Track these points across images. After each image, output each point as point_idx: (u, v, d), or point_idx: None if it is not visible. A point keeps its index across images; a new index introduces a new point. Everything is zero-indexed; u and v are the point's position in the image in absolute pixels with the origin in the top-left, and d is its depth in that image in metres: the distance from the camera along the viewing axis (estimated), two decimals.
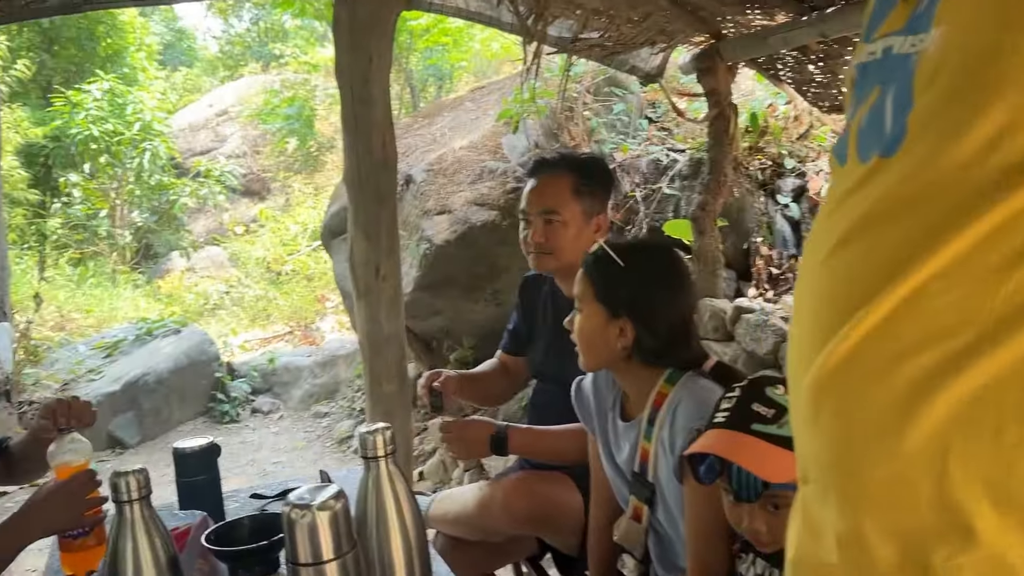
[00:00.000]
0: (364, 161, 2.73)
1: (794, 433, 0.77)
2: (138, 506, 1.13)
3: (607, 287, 1.61)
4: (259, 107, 12.73)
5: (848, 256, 0.69)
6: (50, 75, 11.91)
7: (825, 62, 3.24)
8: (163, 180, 11.49)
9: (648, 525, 1.63)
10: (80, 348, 7.16)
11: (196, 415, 6.49)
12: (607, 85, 4.81)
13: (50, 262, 10.10)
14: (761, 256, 4.01)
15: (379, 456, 1.15)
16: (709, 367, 1.61)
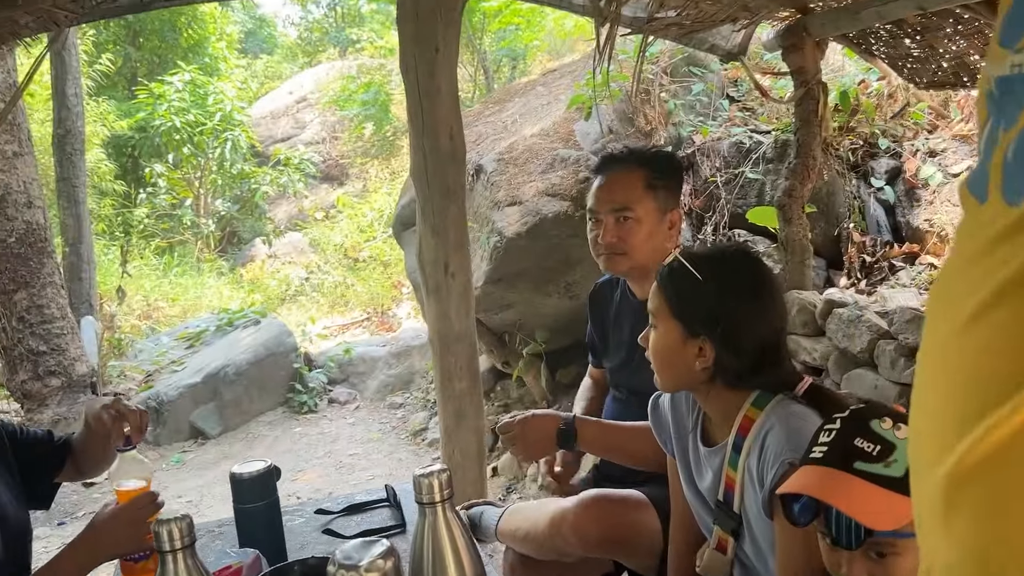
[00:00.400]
0: (431, 156, 2.70)
1: (918, 525, 0.66)
2: (182, 555, 1.10)
3: (683, 303, 1.51)
4: (337, 93, 12.96)
5: (1002, 320, 0.56)
6: (134, 67, 12.31)
7: (923, 35, 3.05)
8: (244, 169, 11.84)
9: (734, 556, 1.55)
10: (163, 339, 7.39)
11: (275, 405, 6.62)
12: (685, 65, 4.65)
13: (136, 252, 10.44)
14: (853, 243, 3.84)
15: (435, 502, 1.10)
16: (802, 390, 1.48)
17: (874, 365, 2.99)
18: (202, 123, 11.15)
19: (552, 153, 4.29)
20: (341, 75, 13.42)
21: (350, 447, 5.65)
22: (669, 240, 2.13)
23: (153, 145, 11.25)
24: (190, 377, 6.37)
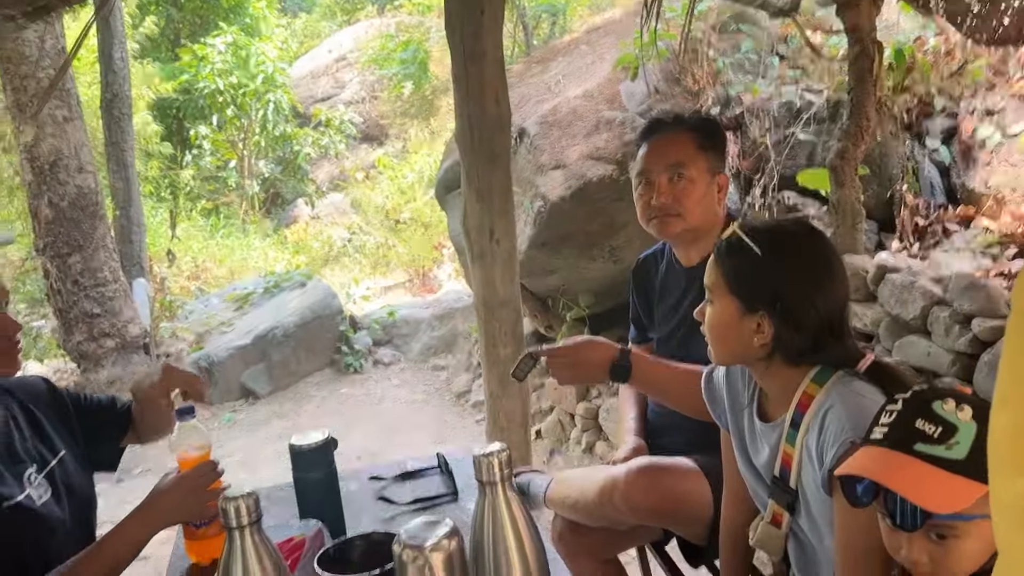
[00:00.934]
0: (476, 121, 2.69)
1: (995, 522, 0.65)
2: (249, 531, 1.12)
3: (741, 278, 1.48)
4: (376, 52, 12.90)
5: None
6: (177, 29, 12.37)
7: None
8: (286, 130, 11.90)
9: (788, 531, 1.54)
10: (212, 300, 7.51)
11: (323, 366, 6.70)
12: (734, 22, 4.56)
13: (183, 213, 10.58)
14: (906, 206, 3.75)
15: (496, 481, 1.09)
16: (864, 367, 1.46)
17: (927, 332, 2.95)
18: (244, 85, 11.21)
19: (597, 115, 4.24)
20: (380, 33, 13.34)
21: (395, 408, 5.71)
22: (719, 204, 2.11)
23: (197, 107, 11.34)
24: (239, 339, 6.48)
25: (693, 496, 1.93)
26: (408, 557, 0.98)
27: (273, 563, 1.12)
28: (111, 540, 1.54)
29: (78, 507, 1.68)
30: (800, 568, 1.56)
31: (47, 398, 1.78)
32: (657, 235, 2.18)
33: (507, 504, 1.09)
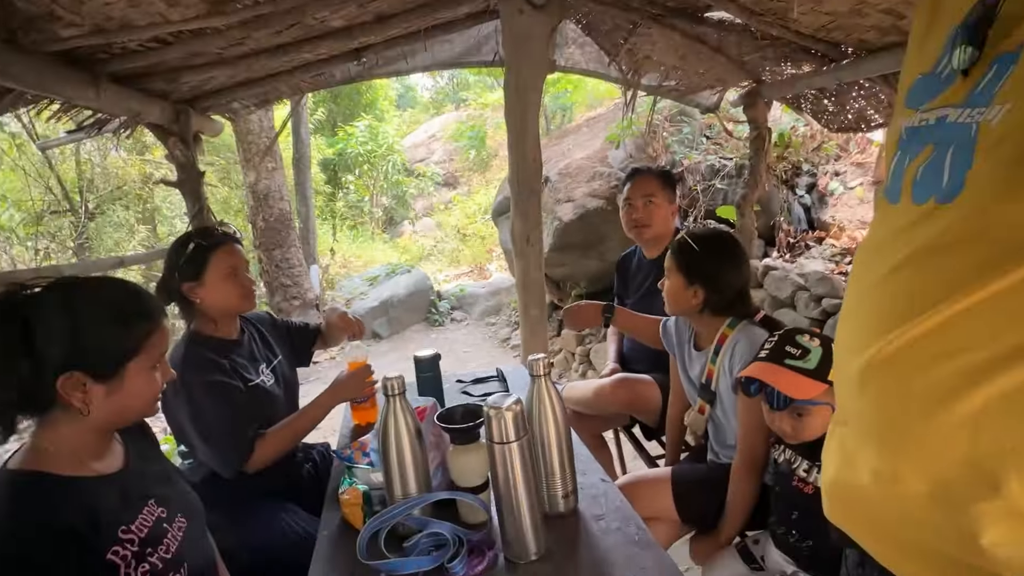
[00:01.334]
0: (521, 168, 2.67)
1: (838, 390, 0.67)
2: (398, 399, 1.13)
3: (687, 264, 1.49)
4: (453, 132, 12.89)
5: (906, 276, 0.57)
6: (335, 116, 12.43)
7: (837, 96, 2.90)
8: (398, 179, 11.91)
9: (708, 417, 1.56)
10: (356, 279, 7.60)
11: (419, 321, 6.76)
12: (679, 115, 4.53)
13: (339, 228, 10.69)
14: (782, 230, 3.73)
15: (540, 375, 1.12)
16: (759, 318, 1.48)
17: (794, 307, 2.94)
18: (374, 151, 11.25)
19: (593, 170, 4.24)
20: (456, 121, 13.37)
21: (464, 347, 5.75)
22: (671, 222, 2.13)
23: (346, 164, 11.40)
24: (372, 302, 6.54)
25: (650, 397, 1.96)
26: (493, 414, 0.99)
27: (412, 418, 1.14)
28: (310, 407, 1.57)
29: (288, 389, 1.71)
30: (714, 439, 1.58)
31: (270, 324, 1.81)
32: (635, 239, 2.21)
33: (547, 388, 1.12)
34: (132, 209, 7.80)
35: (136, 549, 0.91)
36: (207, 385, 1.41)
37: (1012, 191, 0.49)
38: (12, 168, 6.88)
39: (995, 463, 0.49)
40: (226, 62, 2.28)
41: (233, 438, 1.42)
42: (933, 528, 0.55)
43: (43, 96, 1.90)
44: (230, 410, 1.42)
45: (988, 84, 0.53)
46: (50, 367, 0.88)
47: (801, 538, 1.22)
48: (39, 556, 0.80)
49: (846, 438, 0.66)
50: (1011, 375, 0.49)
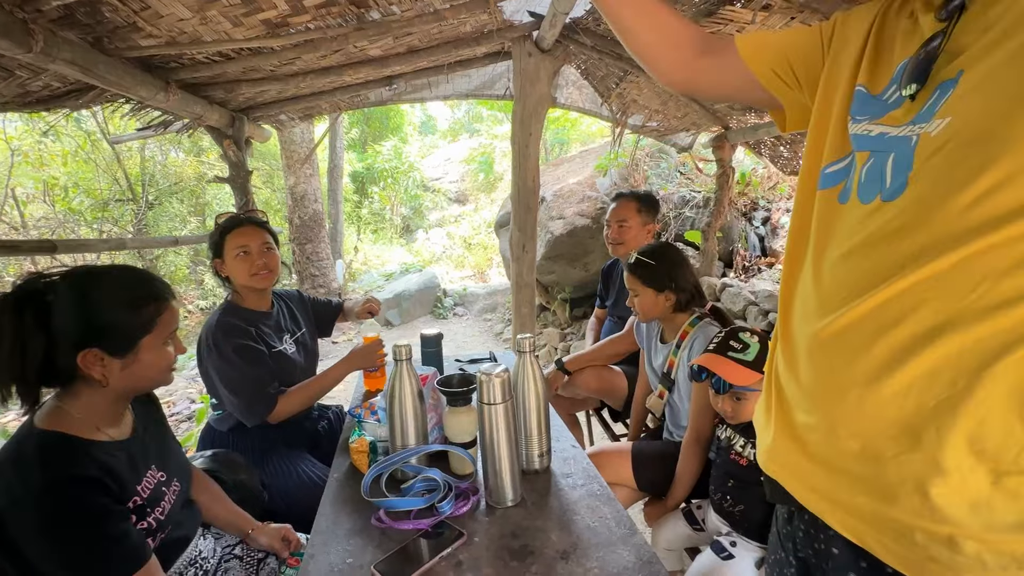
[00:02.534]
0: (522, 189, 2.67)
1: (781, 359, 0.68)
2: (405, 364, 1.14)
3: (651, 277, 1.50)
4: (466, 157, 12.91)
5: (855, 261, 0.58)
6: (365, 136, 12.44)
7: (791, 145, 2.95)
8: (417, 193, 11.91)
9: (666, 401, 1.57)
10: (374, 274, 7.61)
11: (426, 313, 6.74)
12: (658, 152, 4.57)
13: (362, 232, 10.68)
14: (739, 255, 3.74)
15: (525, 351, 1.13)
16: (709, 307, 1.51)
17: (744, 319, 2.96)
18: (398, 168, 11.27)
19: (583, 193, 4.26)
20: (469, 148, 13.39)
21: (463, 338, 5.74)
22: (646, 240, 2.13)
23: (373, 177, 11.40)
24: (387, 294, 6.52)
25: (618, 385, 1.98)
26: (483, 379, 1.01)
27: (415, 380, 1.14)
28: (329, 371, 1.58)
29: (309, 358, 1.70)
30: (670, 420, 1.59)
31: (298, 300, 1.81)
32: (612, 253, 2.23)
33: (531, 363, 1.13)
34: (186, 203, 7.77)
35: (141, 506, 0.92)
36: (235, 347, 1.42)
37: (949, 189, 0.50)
38: (85, 160, 6.86)
39: (918, 420, 0.51)
40: (277, 78, 2.30)
41: (258, 393, 1.43)
42: (864, 482, 0.56)
43: (120, 95, 1.92)
44: (255, 369, 1.44)
45: (931, 105, 0.55)
46: (71, 345, 0.88)
47: (734, 503, 1.23)
48: (75, 502, 0.81)
49: (787, 405, 0.66)
50: (937, 349, 0.50)
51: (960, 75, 0.52)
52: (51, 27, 1.37)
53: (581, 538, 0.95)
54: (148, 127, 2.46)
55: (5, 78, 1.56)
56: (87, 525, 0.81)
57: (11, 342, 0.84)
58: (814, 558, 0.66)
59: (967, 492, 0.49)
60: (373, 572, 0.88)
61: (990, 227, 0.48)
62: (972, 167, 0.49)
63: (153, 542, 0.93)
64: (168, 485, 1.01)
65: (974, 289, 0.48)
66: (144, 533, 0.91)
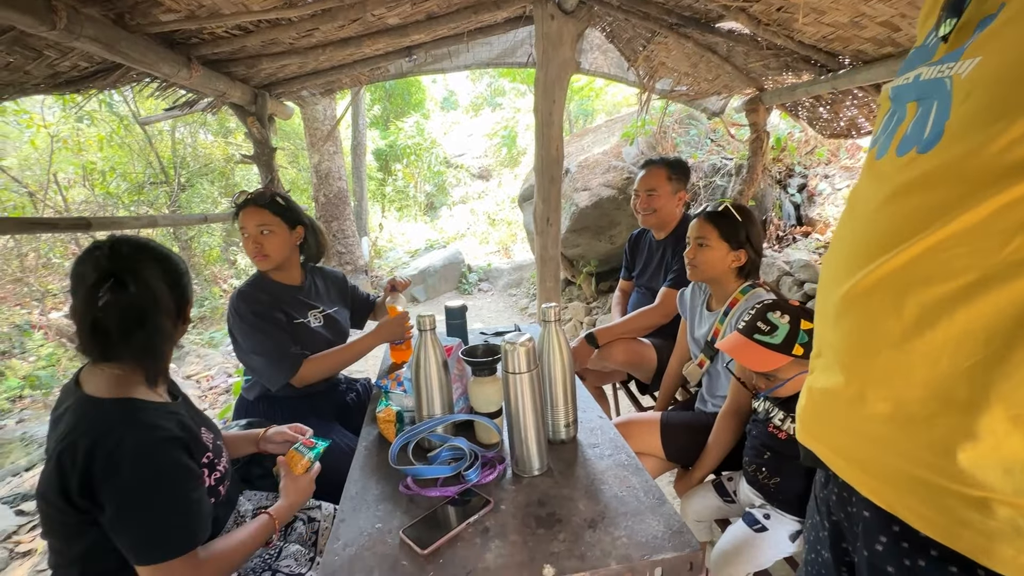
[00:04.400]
0: (546, 159, 2.63)
1: (816, 323, 0.65)
2: (429, 333, 1.14)
3: (732, 231, 1.43)
4: (489, 131, 12.74)
5: (885, 215, 0.55)
6: (388, 113, 12.39)
7: (831, 105, 2.77)
8: (440, 169, 11.85)
9: (705, 370, 1.54)
10: (399, 251, 7.68)
11: (451, 289, 6.78)
12: (687, 118, 4.39)
13: (387, 209, 10.73)
14: (773, 224, 3.61)
15: (551, 320, 1.11)
16: (763, 282, 1.46)
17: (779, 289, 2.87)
18: (420, 145, 11.21)
19: (608, 164, 4.15)
20: (492, 122, 13.19)
21: (488, 313, 5.76)
22: (677, 208, 2.06)
23: (396, 155, 11.39)
24: (412, 271, 6.57)
25: (647, 357, 1.94)
26: (509, 348, 0.99)
27: (440, 350, 1.14)
28: (356, 342, 1.60)
29: (336, 335, 1.68)
30: (707, 389, 1.56)
31: (341, 282, 1.83)
32: (640, 223, 2.17)
33: (557, 332, 1.11)
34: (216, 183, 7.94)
35: (211, 461, 0.98)
36: (254, 311, 1.47)
37: (980, 134, 0.46)
38: (120, 145, 7.05)
39: (951, 382, 0.48)
40: (297, 52, 2.28)
41: (279, 355, 1.47)
42: (894, 446, 0.53)
43: (146, 73, 1.93)
44: (276, 332, 1.48)
45: (965, 44, 0.51)
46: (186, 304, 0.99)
47: (769, 476, 1.20)
48: (161, 455, 0.85)
49: (816, 369, 0.64)
50: (971, 308, 0.47)
51: (1001, 8, 0.48)
52: (73, 4, 1.37)
53: (609, 507, 0.94)
54: (175, 107, 2.48)
55: (35, 58, 1.59)
56: (179, 483, 0.86)
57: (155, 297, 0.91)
58: (846, 522, 0.65)
59: (1001, 456, 0.46)
60: (402, 537, 0.89)
61: (1018, 177, 0.44)
62: (1004, 109, 0.45)
63: (223, 490, 1.00)
64: (219, 439, 1.06)
65: (1007, 243, 0.44)
66: (219, 480, 0.99)
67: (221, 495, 1.00)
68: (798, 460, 0.70)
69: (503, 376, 1.03)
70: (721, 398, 1.43)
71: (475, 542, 0.87)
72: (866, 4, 1.76)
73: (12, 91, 1.70)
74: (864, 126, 2.69)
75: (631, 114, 4.75)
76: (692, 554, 0.82)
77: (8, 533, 2.20)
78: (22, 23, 1.24)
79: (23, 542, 2.12)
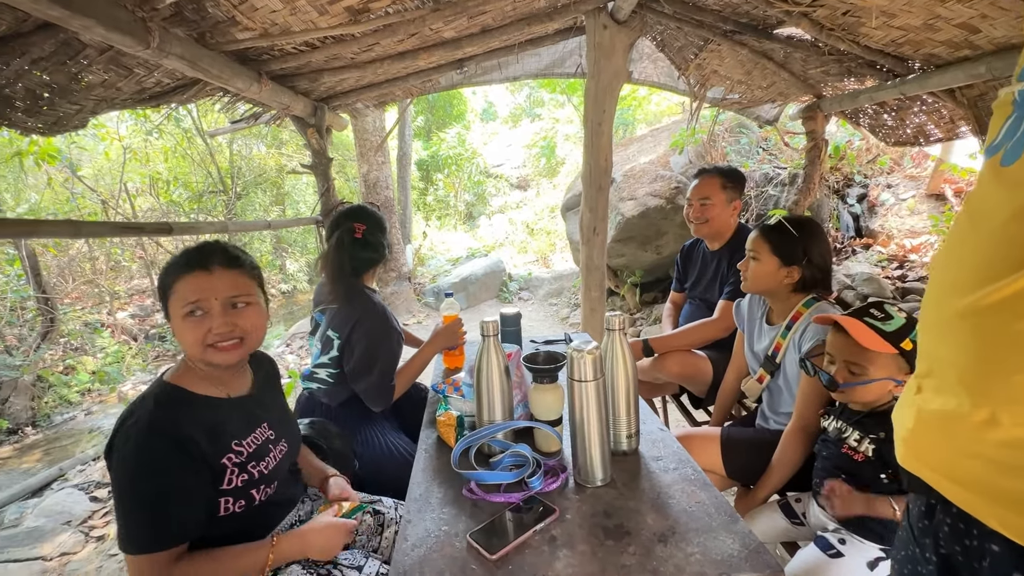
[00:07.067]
0: (595, 168, 2.62)
1: (923, 336, 0.61)
2: (492, 339, 1.15)
3: (782, 246, 1.39)
4: (528, 142, 12.83)
5: (1014, 230, 0.52)
6: (430, 124, 12.68)
7: (897, 111, 2.64)
8: (479, 179, 12.01)
9: (766, 386, 1.48)
10: (441, 259, 7.77)
11: (492, 297, 6.81)
12: (738, 127, 4.28)
13: (430, 216, 10.95)
14: (830, 236, 3.45)
15: (616, 329, 1.10)
16: (833, 298, 1.40)
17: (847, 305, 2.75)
18: (461, 155, 11.41)
19: (656, 173, 4.09)
20: (531, 132, 13.29)
21: (530, 322, 5.73)
22: (732, 218, 2.00)
23: (437, 165, 11.63)
24: (453, 279, 6.64)
25: (702, 369, 1.89)
26: (575, 355, 0.99)
27: (502, 356, 1.14)
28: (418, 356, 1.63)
29: None
30: (768, 405, 1.50)
31: None
32: (693, 233, 2.12)
33: (621, 341, 1.10)
34: (268, 193, 8.32)
35: (243, 460, 0.96)
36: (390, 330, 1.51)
37: None
38: (183, 156, 7.51)
39: None
40: (356, 66, 2.37)
41: (390, 379, 1.51)
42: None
43: (220, 88, 2.05)
44: (393, 353, 1.52)
45: None
46: None
47: None
48: (163, 463, 0.86)
49: (929, 388, 0.60)
50: None
51: None
52: (164, 24, 1.48)
53: (679, 522, 0.91)
54: (240, 120, 2.62)
55: (126, 75, 1.71)
56: (154, 477, 0.85)
57: None
58: (962, 555, 0.59)
59: None
60: (469, 541, 0.89)
61: None
62: None
63: (257, 494, 0.97)
64: (275, 444, 1.05)
65: None
66: (247, 484, 0.96)
67: (255, 499, 0.96)
68: (876, 483, 0.66)
69: (567, 383, 1.02)
70: (785, 415, 1.37)
71: (543, 550, 0.87)
72: (942, 6, 1.68)
73: (105, 106, 1.84)
74: (934, 133, 2.55)
75: (677, 123, 4.69)
76: (773, 575, 0.78)
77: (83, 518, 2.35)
78: (123, 43, 1.34)
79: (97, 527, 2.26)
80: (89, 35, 1.30)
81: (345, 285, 1.53)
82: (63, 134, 1.82)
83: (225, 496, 0.93)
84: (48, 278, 5.68)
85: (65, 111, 1.69)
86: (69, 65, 1.51)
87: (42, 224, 1.29)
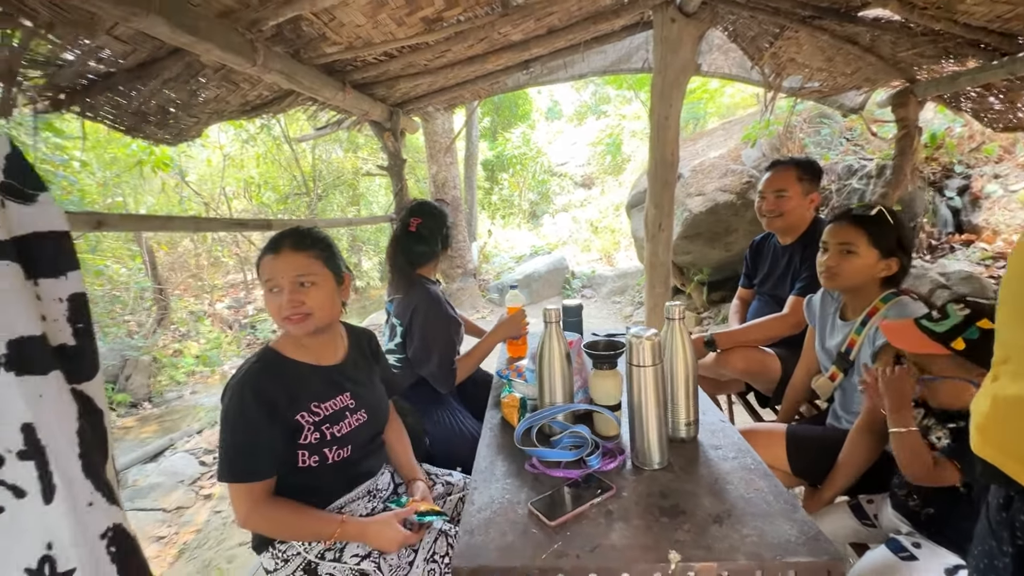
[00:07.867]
0: (660, 163, 2.60)
1: (1002, 324, 0.60)
2: (554, 326, 1.20)
3: (884, 237, 1.33)
4: (593, 139, 12.71)
5: None
6: (496, 125, 12.90)
7: (1007, 94, 2.40)
8: (544, 178, 12.06)
9: (839, 384, 1.44)
10: (505, 256, 7.93)
11: (555, 295, 6.86)
12: (818, 117, 4.04)
13: (495, 215, 11.18)
14: (924, 232, 3.19)
15: (675, 318, 1.12)
16: (916, 295, 1.34)
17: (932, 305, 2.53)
18: (526, 154, 11.53)
19: (726, 167, 3.95)
20: (597, 130, 13.12)
21: (592, 318, 5.70)
22: (808, 211, 1.92)
23: (502, 164, 11.82)
24: (517, 275, 6.80)
25: (770, 367, 1.84)
26: (635, 341, 1.03)
27: (564, 342, 1.20)
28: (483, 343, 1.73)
29: None
30: (840, 404, 1.45)
31: None
32: (766, 228, 2.05)
33: (680, 330, 1.12)
34: (344, 194, 8.88)
35: (318, 419, 1.07)
36: (446, 317, 1.62)
37: None
38: (272, 161, 8.20)
39: None
40: (430, 72, 2.52)
41: (451, 364, 1.63)
42: None
43: (309, 98, 2.27)
44: (450, 339, 1.63)
45: None
46: None
47: (922, 504, 1.09)
48: (250, 412, 1.01)
49: (1006, 374, 0.58)
50: None
51: None
52: (267, 44, 1.68)
53: (735, 506, 0.93)
54: (324, 126, 2.86)
55: (233, 90, 1.95)
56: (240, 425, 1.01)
57: None
58: None
59: None
60: (531, 508, 0.96)
61: None
62: None
63: (330, 453, 1.08)
64: (354, 412, 1.13)
65: None
66: (320, 442, 1.07)
67: (328, 458, 1.06)
68: (958, 489, 0.64)
69: (627, 369, 1.07)
70: (856, 414, 1.32)
71: (599, 522, 0.92)
72: None
73: (216, 118, 2.10)
74: None
75: (751, 116, 4.50)
76: (831, 562, 0.79)
77: (194, 478, 2.72)
78: (235, 62, 1.55)
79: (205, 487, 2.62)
80: (208, 57, 1.51)
81: (403, 276, 1.68)
82: (180, 143, 2.10)
83: (302, 450, 1.05)
84: (161, 272, 6.44)
85: (185, 123, 1.95)
86: (191, 83, 1.75)
87: (174, 219, 1.52)
